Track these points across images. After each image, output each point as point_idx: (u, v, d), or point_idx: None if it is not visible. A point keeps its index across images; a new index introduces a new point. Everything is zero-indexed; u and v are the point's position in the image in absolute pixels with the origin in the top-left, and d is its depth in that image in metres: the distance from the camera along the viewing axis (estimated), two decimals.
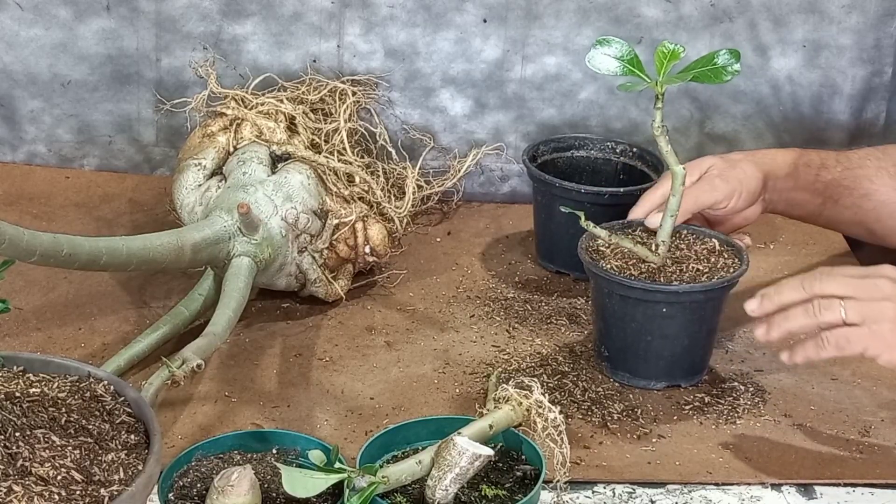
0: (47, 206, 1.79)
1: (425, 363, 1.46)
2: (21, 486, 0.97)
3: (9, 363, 1.12)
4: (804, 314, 1.21)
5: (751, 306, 1.27)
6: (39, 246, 1.22)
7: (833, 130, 1.88)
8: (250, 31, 1.82)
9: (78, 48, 1.83)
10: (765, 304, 1.25)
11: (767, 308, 1.24)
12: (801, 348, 1.25)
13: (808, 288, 1.20)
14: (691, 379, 1.43)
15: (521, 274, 1.68)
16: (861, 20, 1.82)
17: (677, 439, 1.34)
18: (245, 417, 1.34)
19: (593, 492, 1.25)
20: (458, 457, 1.12)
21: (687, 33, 1.83)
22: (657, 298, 1.37)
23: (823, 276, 1.21)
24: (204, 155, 1.63)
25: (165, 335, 1.43)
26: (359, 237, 1.58)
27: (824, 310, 1.21)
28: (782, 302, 1.23)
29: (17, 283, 1.56)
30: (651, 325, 1.38)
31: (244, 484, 1.09)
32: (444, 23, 1.82)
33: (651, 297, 1.37)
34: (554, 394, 1.40)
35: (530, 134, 1.86)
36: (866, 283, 1.22)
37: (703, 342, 1.42)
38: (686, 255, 1.42)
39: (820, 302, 1.21)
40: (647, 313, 1.38)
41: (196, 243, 1.44)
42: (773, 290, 1.25)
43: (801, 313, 1.21)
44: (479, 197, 1.89)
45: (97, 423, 1.06)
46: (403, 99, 1.86)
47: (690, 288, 1.36)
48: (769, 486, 1.27)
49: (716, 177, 1.46)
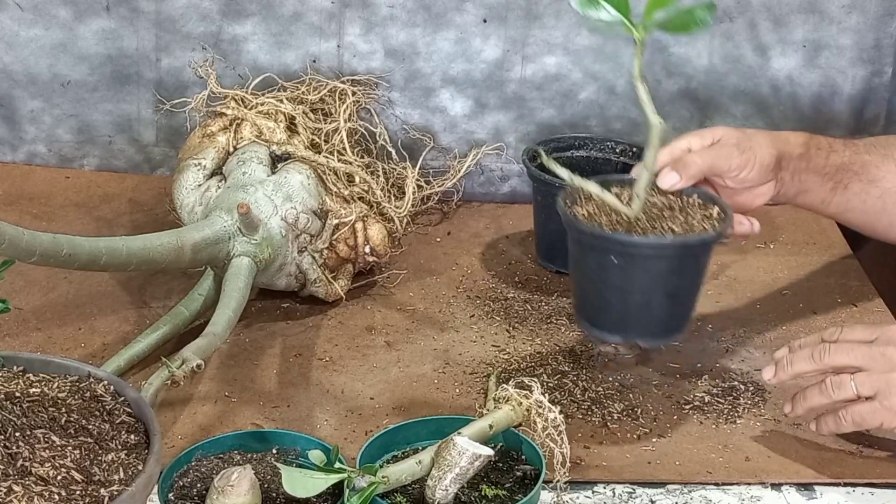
0: (47, 206, 1.79)
1: (425, 363, 1.46)
2: (21, 486, 0.97)
3: (9, 363, 1.12)
4: (819, 394, 1.24)
5: (766, 375, 1.29)
6: (39, 246, 1.22)
7: (833, 130, 1.88)
8: (250, 31, 1.82)
9: (78, 48, 1.83)
10: (779, 374, 1.27)
11: (782, 378, 1.27)
12: (824, 422, 1.28)
13: (819, 359, 1.23)
14: (650, 340, 1.39)
15: (521, 274, 1.68)
16: (861, 20, 1.82)
17: (677, 439, 1.33)
18: (245, 417, 1.34)
19: (593, 492, 1.25)
20: (458, 457, 1.12)
21: (687, 34, 1.83)
22: (606, 246, 1.31)
23: (833, 345, 1.23)
24: (204, 155, 1.63)
25: (165, 335, 1.43)
26: (359, 237, 1.58)
27: (837, 388, 1.24)
28: (795, 372, 1.26)
29: (17, 283, 1.56)
30: (603, 273, 1.33)
31: (244, 484, 1.09)
32: (444, 23, 1.82)
33: (601, 245, 1.32)
34: (554, 394, 1.40)
35: (530, 134, 1.86)
36: (875, 352, 1.24)
37: (659, 302, 1.35)
38: (670, 215, 1.36)
39: (832, 380, 1.24)
40: (599, 261, 1.33)
41: (196, 243, 1.44)
42: (786, 359, 1.27)
43: (816, 393, 1.25)
44: (479, 197, 1.89)
45: (97, 423, 1.06)
46: (403, 99, 1.86)
47: (641, 241, 1.31)
48: (769, 486, 1.27)
49: (732, 145, 1.42)
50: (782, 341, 1.52)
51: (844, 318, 1.57)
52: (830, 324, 1.57)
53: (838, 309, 1.58)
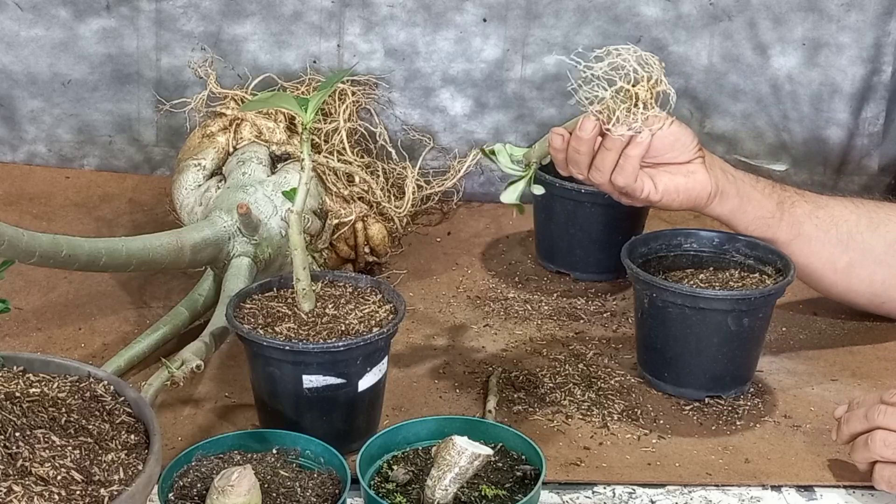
0: (47, 206, 1.79)
1: (425, 363, 1.46)
2: (21, 486, 0.97)
3: (9, 363, 1.12)
4: (865, 448, 1.24)
5: (833, 436, 1.29)
6: (39, 247, 1.22)
7: (833, 129, 1.88)
8: (250, 31, 1.82)
9: (78, 48, 1.83)
10: (840, 437, 1.27)
11: (843, 439, 1.27)
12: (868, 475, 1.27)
13: (872, 419, 1.24)
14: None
15: (521, 274, 1.68)
16: (860, 18, 1.82)
17: (677, 440, 1.33)
18: (245, 418, 1.34)
19: (593, 492, 1.25)
20: (457, 456, 1.12)
21: (686, 32, 1.83)
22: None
23: (891, 408, 1.23)
24: (204, 155, 1.63)
25: (165, 336, 1.43)
26: (359, 237, 1.58)
27: (885, 446, 1.23)
28: (851, 433, 1.25)
29: (17, 283, 1.56)
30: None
31: (244, 484, 1.09)
32: (443, 22, 1.82)
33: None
34: (554, 393, 1.40)
35: (530, 134, 1.86)
36: None
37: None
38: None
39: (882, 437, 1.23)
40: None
41: (196, 244, 1.44)
42: (844, 419, 1.27)
43: (862, 447, 1.24)
44: (479, 197, 1.89)
45: (97, 423, 1.06)
46: (403, 99, 1.86)
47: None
48: (769, 488, 1.27)
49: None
50: (782, 342, 1.53)
51: (844, 319, 1.57)
52: (831, 325, 1.57)
53: (839, 311, 1.58)
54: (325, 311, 1.28)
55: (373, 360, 1.25)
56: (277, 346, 1.22)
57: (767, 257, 1.43)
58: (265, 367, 1.25)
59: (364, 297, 1.31)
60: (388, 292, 1.31)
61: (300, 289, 1.27)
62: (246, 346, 1.26)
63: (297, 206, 1.24)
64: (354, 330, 1.25)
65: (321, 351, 1.22)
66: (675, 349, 1.38)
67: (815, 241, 1.45)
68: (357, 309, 1.29)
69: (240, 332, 1.24)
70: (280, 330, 1.25)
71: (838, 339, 1.54)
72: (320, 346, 1.22)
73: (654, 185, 1.38)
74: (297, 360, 1.23)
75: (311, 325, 1.26)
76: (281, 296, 1.31)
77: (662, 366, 1.40)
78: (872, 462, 1.23)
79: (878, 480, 1.23)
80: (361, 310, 1.29)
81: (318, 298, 1.30)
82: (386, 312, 1.29)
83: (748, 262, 1.44)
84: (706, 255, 1.46)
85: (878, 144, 1.90)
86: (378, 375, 1.27)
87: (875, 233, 1.47)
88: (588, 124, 1.34)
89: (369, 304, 1.30)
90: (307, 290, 1.27)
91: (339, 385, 1.24)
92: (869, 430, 1.23)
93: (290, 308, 1.28)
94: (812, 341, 1.54)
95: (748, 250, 1.44)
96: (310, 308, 1.28)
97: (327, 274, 1.35)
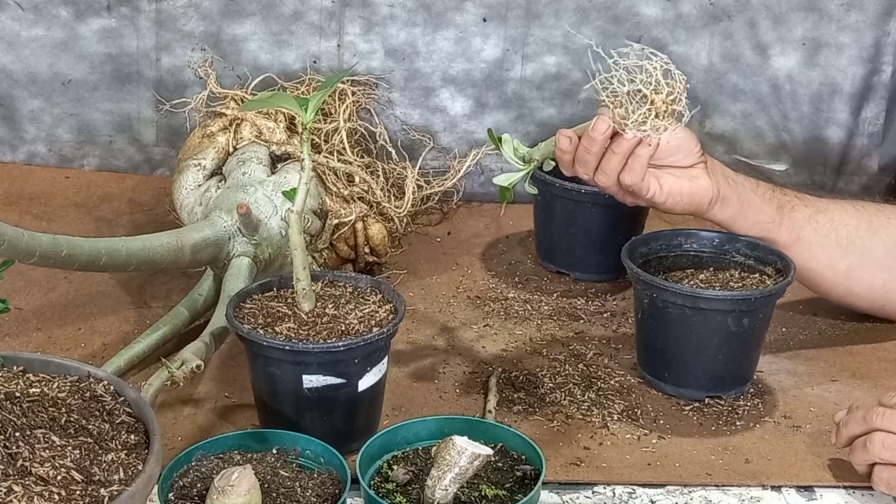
0: (47, 206, 1.79)
1: (425, 363, 1.46)
2: (21, 486, 0.97)
3: (9, 363, 1.12)
4: (863, 450, 1.24)
5: (833, 441, 1.29)
6: (39, 247, 1.22)
7: (833, 129, 1.88)
8: (250, 31, 1.82)
9: (78, 47, 1.83)
10: (839, 440, 1.27)
11: (843, 443, 1.27)
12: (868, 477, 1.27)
13: (871, 421, 1.24)
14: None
15: (521, 274, 1.68)
16: (860, 18, 1.82)
17: (677, 440, 1.33)
18: (245, 418, 1.34)
19: (593, 492, 1.25)
20: (457, 456, 1.12)
21: (686, 32, 1.83)
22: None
23: (889, 410, 1.23)
24: (204, 155, 1.63)
25: (165, 336, 1.43)
26: (359, 237, 1.58)
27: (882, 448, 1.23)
28: (850, 435, 1.26)
29: (17, 283, 1.56)
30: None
31: (244, 484, 1.09)
32: (443, 22, 1.82)
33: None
34: (554, 394, 1.40)
35: (530, 134, 1.86)
36: None
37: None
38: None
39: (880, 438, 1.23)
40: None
41: (196, 244, 1.44)
42: (843, 422, 1.27)
43: (860, 449, 1.24)
44: (479, 197, 1.89)
45: (97, 423, 1.06)
46: (403, 99, 1.86)
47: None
48: (769, 488, 1.27)
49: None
50: (782, 343, 1.53)
51: (844, 319, 1.57)
52: (830, 326, 1.57)
53: (839, 311, 1.58)
54: (325, 311, 1.28)
55: (373, 360, 1.25)
56: (277, 345, 1.22)
57: (768, 258, 1.43)
58: (265, 367, 1.25)
59: (364, 297, 1.31)
60: (388, 292, 1.31)
61: (300, 289, 1.27)
62: (246, 345, 1.26)
63: (297, 206, 1.24)
64: (354, 330, 1.25)
65: (321, 351, 1.22)
66: (675, 349, 1.38)
67: (815, 245, 1.46)
68: (357, 309, 1.29)
69: (240, 332, 1.24)
70: (280, 330, 1.25)
71: (838, 340, 1.54)
72: (320, 346, 1.22)
73: (660, 186, 1.39)
74: (297, 360, 1.23)
75: (311, 325, 1.26)
76: (281, 296, 1.31)
77: (662, 366, 1.40)
78: (871, 464, 1.23)
79: (878, 482, 1.23)
80: (361, 310, 1.29)
81: (318, 298, 1.30)
82: (386, 312, 1.29)
83: (748, 262, 1.44)
84: (706, 256, 1.46)
85: (878, 144, 1.90)
86: (378, 375, 1.27)
87: (875, 236, 1.47)
88: (601, 125, 1.35)
89: (369, 304, 1.30)
90: (307, 290, 1.27)
91: (339, 385, 1.24)
92: (867, 432, 1.23)
93: (290, 308, 1.28)
94: (812, 342, 1.54)
95: (748, 251, 1.44)
96: (310, 308, 1.28)
97: (327, 274, 1.35)
